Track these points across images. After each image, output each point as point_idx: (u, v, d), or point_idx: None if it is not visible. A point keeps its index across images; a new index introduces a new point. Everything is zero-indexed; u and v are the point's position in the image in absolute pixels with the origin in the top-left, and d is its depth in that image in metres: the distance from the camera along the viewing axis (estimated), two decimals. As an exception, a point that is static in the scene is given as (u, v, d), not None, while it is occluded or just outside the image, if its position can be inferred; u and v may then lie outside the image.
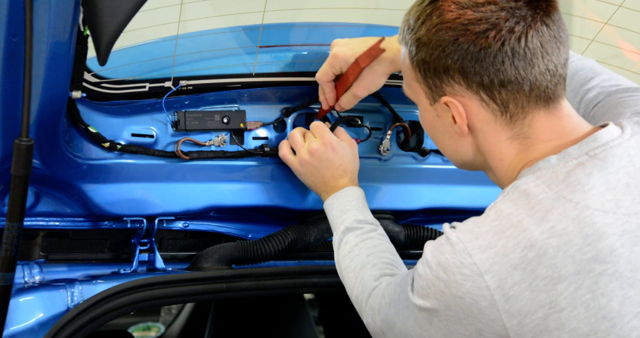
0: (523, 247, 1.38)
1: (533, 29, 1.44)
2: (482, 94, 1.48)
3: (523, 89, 1.46)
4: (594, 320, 1.37)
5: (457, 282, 1.39)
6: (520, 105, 1.47)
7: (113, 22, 1.45)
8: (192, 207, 2.05)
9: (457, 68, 1.47)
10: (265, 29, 2.00)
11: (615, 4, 1.95)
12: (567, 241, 1.38)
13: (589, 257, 1.37)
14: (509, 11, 1.43)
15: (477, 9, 1.44)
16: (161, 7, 1.81)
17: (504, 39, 1.43)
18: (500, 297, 1.38)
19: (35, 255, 2.01)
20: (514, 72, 1.44)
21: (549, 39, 1.45)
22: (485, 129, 1.51)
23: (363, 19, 2.34)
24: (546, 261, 1.37)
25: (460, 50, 1.45)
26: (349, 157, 2.00)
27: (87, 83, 1.84)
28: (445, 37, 1.46)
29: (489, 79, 1.46)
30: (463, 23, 1.44)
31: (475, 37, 1.44)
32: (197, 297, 2.00)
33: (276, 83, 2.05)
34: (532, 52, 1.44)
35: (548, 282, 1.37)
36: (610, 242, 1.38)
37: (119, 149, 1.90)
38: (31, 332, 1.81)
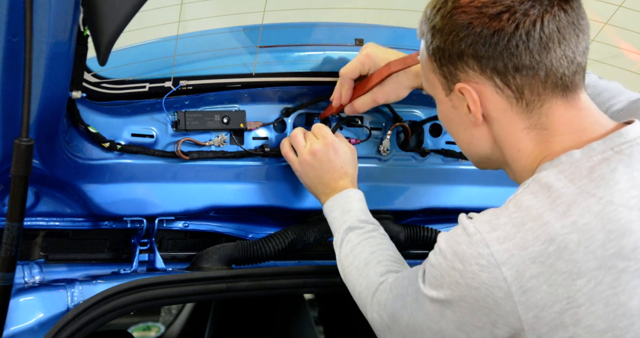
0: (543, 240, 1.36)
1: (550, 13, 1.41)
2: (497, 80, 1.45)
3: (539, 75, 1.42)
4: (612, 317, 1.35)
5: (474, 272, 1.37)
6: (536, 92, 1.44)
7: (113, 22, 1.45)
8: (192, 207, 2.05)
9: (471, 53, 1.44)
10: (266, 29, 2.00)
11: (616, 4, 1.95)
12: (589, 236, 1.36)
13: (612, 253, 1.36)
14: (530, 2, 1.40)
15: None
16: (161, 7, 1.81)
17: (518, 22, 1.40)
18: (517, 289, 1.36)
19: (35, 255, 2.01)
20: (529, 56, 1.41)
21: (566, 24, 1.42)
22: (501, 117, 1.48)
23: (363, 19, 2.34)
24: (566, 256, 1.35)
25: (474, 34, 1.42)
26: (350, 159, 2.00)
27: (87, 83, 1.84)
28: (459, 21, 1.44)
29: (503, 64, 1.42)
30: (477, 6, 1.43)
31: (489, 20, 1.41)
32: (197, 297, 2.00)
33: (276, 83, 2.05)
34: (547, 36, 1.40)
35: (567, 277, 1.35)
36: (635, 239, 1.36)
37: (119, 149, 1.90)
38: (31, 332, 1.81)
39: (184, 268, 2.08)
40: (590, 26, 1.47)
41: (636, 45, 2.21)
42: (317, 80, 2.08)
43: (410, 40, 2.20)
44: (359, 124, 2.12)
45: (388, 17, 2.19)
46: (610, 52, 2.18)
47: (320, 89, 2.09)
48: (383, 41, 2.18)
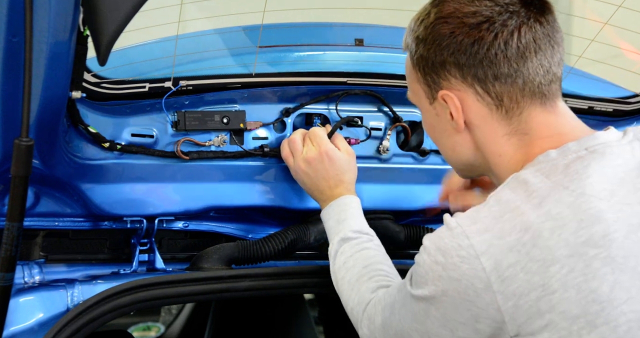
0: (519, 229, 1.41)
1: (526, 25, 1.48)
2: (477, 87, 1.52)
3: (517, 82, 1.50)
4: (584, 302, 1.39)
5: (455, 264, 1.42)
6: (515, 100, 1.51)
7: (113, 22, 1.45)
8: (192, 207, 2.05)
9: (453, 61, 1.51)
10: (265, 29, 2.00)
11: (615, 4, 1.95)
12: (561, 224, 1.41)
13: (583, 241, 1.40)
14: (504, 7, 1.48)
15: (472, 3, 1.49)
16: (161, 7, 1.81)
17: (497, 32, 1.48)
18: (496, 279, 1.40)
19: (35, 255, 2.01)
20: (507, 65, 1.49)
21: (542, 36, 1.50)
22: (482, 124, 1.55)
23: (363, 19, 2.35)
24: (540, 243, 1.40)
25: (456, 42, 1.50)
26: (345, 167, 1.99)
27: (87, 83, 1.84)
28: (441, 31, 1.51)
29: (483, 72, 1.50)
30: (458, 16, 1.49)
31: (470, 30, 1.49)
32: (197, 297, 2.00)
33: (276, 83, 2.05)
34: (524, 46, 1.48)
35: (542, 264, 1.39)
36: (604, 227, 1.41)
37: (119, 149, 1.90)
38: (31, 332, 1.81)
39: (184, 269, 2.08)
40: (564, 39, 1.56)
41: (636, 45, 2.21)
42: (317, 81, 2.08)
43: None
44: (358, 124, 2.12)
45: (388, 17, 2.19)
46: (610, 52, 2.18)
47: (320, 89, 2.09)
48: (383, 41, 2.18)
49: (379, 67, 2.12)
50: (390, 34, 2.25)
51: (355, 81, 2.10)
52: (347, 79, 2.10)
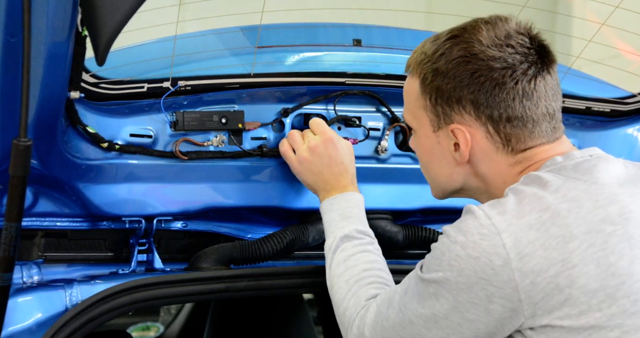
0: (538, 210, 1.48)
1: (541, 75, 1.60)
2: (489, 126, 1.61)
3: (527, 126, 1.60)
4: (603, 276, 1.44)
5: (475, 242, 1.46)
6: (522, 141, 1.61)
7: (111, 22, 1.45)
8: (190, 207, 2.05)
9: (471, 99, 1.59)
10: (264, 30, 2.01)
11: (613, 5, 1.95)
12: (578, 205, 1.48)
13: (600, 218, 1.47)
14: (523, 55, 1.58)
15: (497, 48, 1.58)
16: (160, 8, 1.81)
17: (518, 79, 1.58)
18: (515, 255, 1.45)
19: (34, 255, 2.01)
20: (521, 109, 1.59)
21: (551, 85, 1.61)
22: (486, 159, 1.64)
23: (361, 20, 2.35)
24: (559, 221, 1.46)
25: (477, 83, 1.58)
26: (349, 155, 2.00)
27: (86, 83, 1.84)
28: (465, 69, 1.59)
29: (498, 113, 1.59)
30: (483, 58, 1.58)
31: (494, 73, 1.57)
32: (195, 297, 2.00)
33: (274, 83, 2.05)
34: (538, 94, 1.59)
35: (561, 240, 1.45)
36: (620, 207, 1.49)
37: (118, 149, 1.90)
38: (29, 332, 1.81)
39: (182, 269, 2.08)
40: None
41: (633, 46, 2.21)
42: (316, 81, 2.09)
43: (409, 41, 2.21)
44: (357, 124, 2.13)
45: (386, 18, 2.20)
46: (608, 53, 2.18)
47: (319, 89, 2.10)
48: (381, 42, 2.19)
49: (377, 68, 2.12)
50: (389, 34, 2.25)
51: (354, 81, 2.10)
52: (346, 79, 2.10)
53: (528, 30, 1.61)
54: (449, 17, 2.47)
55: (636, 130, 2.32)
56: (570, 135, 2.28)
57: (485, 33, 1.58)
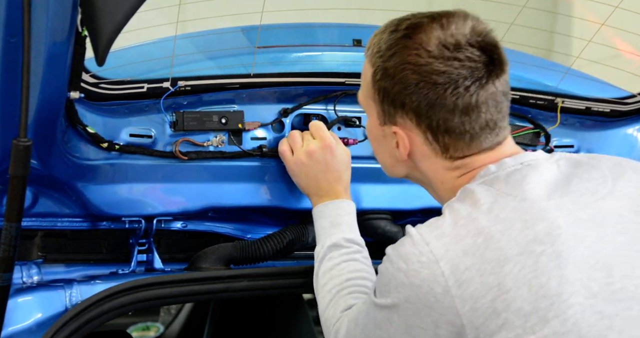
0: (473, 234, 1.49)
1: (485, 89, 1.57)
2: (428, 135, 1.61)
3: (464, 138, 1.60)
4: (535, 298, 1.44)
5: (416, 270, 1.48)
6: (460, 150, 1.61)
7: (111, 22, 1.45)
8: (190, 208, 2.05)
9: (413, 107, 1.59)
10: (264, 30, 2.01)
11: (612, 5, 1.95)
12: (509, 226, 1.48)
13: (529, 239, 1.47)
14: (470, 70, 1.56)
15: (443, 61, 1.55)
16: (159, 8, 1.81)
17: (459, 95, 1.56)
18: (454, 283, 1.46)
19: (34, 255, 2.02)
20: (460, 124, 1.58)
21: (496, 95, 1.58)
22: (425, 160, 1.65)
23: (361, 20, 2.35)
24: (493, 245, 1.47)
25: (420, 93, 1.57)
26: (346, 163, 2.01)
27: (85, 83, 1.84)
28: (410, 77, 1.57)
29: (437, 124, 1.59)
30: (428, 71, 1.56)
31: (436, 88, 1.56)
32: (195, 297, 2.00)
33: (274, 83, 2.06)
34: (479, 108, 1.57)
35: (495, 264, 1.46)
36: (547, 224, 1.49)
37: (117, 149, 1.90)
38: (29, 332, 1.81)
39: (182, 269, 2.09)
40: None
41: (634, 46, 2.21)
42: (316, 81, 2.09)
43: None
44: (357, 124, 2.13)
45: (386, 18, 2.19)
46: (608, 53, 2.19)
47: (319, 90, 2.10)
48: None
49: (377, 68, 2.12)
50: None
51: (354, 81, 2.10)
52: (345, 79, 2.10)
53: (483, 36, 1.58)
54: (449, 17, 2.47)
55: (636, 131, 2.32)
56: (570, 135, 2.29)
57: (435, 40, 1.55)
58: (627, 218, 1.53)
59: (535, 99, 2.23)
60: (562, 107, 2.25)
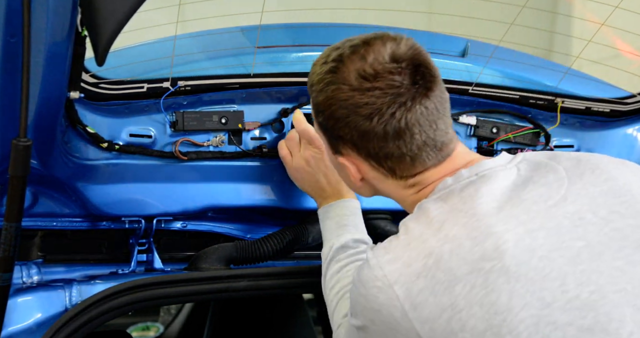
0: (423, 255, 1.50)
1: (412, 111, 1.57)
2: (372, 162, 1.63)
3: (405, 160, 1.61)
4: (487, 316, 1.43)
5: (374, 295, 1.51)
6: (407, 171, 1.63)
7: (111, 22, 1.45)
8: (190, 207, 2.06)
9: (348, 139, 1.62)
10: (264, 30, 2.01)
11: (612, 5, 1.95)
12: (458, 245, 1.48)
13: (478, 256, 1.47)
14: (392, 96, 1.56)
15: (365, 93, 1.56)
16: (159, 8, 1.81)
17: (386, 122, 1.57)
18: (409, 306, 1.47)
19: (34, 255, 2.02)
20: (395, 148, 1.59)
21: (428, 113, 1.58)
22: (380, 183, 1.67)
23: (362, 19, 2.35)
24: (443, 265, 1.47)
25: (350, 126, 1.59)
26: None
27: (85, 83, 1.84)
28: (338, 112, 1.59)
29: (375, 152, 1.61)
30: (353, 105, 1.57)
31: (363, 119, 1.57)
32: (195, 297, 2.00)
33: (274, 83, 2.06)
34: (410, 131, 1.58)
35: (447, 285, 1.46)
36: (495, 240, 1.48)
37: (117, 149, 1.90)
38: (29, 332, 1.82)
39: (182, 269, 2.09)
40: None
41: (634, 46, 2.21)
42: (315, 81, 2.08)
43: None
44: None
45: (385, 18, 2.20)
46: (608, 53, 2.19)
47: (319, 90, 2.09)
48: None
49: (377, 68, 2.12)
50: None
51: (354, 81, 2.09)
52: (345, 79, 2.09)
53: (404, 58, 1.57)
54: (449, 17, 2.48)
55: (636, 131, 2.31)
56: (570, 135, 2.29)
57: (355, 73, 1.57)
58: (586, 220, 1.51)
59: (535, 99, 2.23)
60: (562, 107, 2.25)
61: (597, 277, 1.45)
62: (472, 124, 2.21)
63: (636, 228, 1.51)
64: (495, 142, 2.24)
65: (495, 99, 2.21)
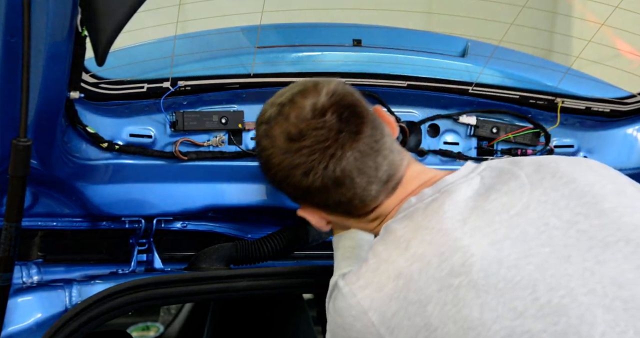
0: (394, 277, 1.51)
1: (343, 159, 1.58)
2: (325, 210, 1.67)
3: (355, 203, 1.63)
4: (462, 332, 1.44)
5: (350, 323, 1.52)
6: (362, 209, 1.65)
7: (111, 22, 1.45)
8: (190, 207, 2.06)
9: (294, 196, 1.67)
10: (264, 30, 2.01)
11: (612, 5, 1.95)
12: (426, 263, 1.49)
13: (446, 273, 1.47)
14: (320, 151, 1.58)
15: (295, 153, 1.59)
16: (159, 8, 1.81)
17: (322, 176, 1.59)
18: (385, 330, 1.49)
19: (34, 255, 2.02)
20: (340, 195, 1.61)
21: (361, 159, 1.59)
22: (344, 222, 1.72)
23: (361, 20, 2.35)
24: (413, 286, 1.48)
25: (291, 186, 1.63)
26: None
27: (85, 83, 1.84)
28: (277, 175, 1.64)
29: (323, 203, 1.64)
30: (286, 167, 1.61)
31: (300, 178, 1.60)
32: (195, 297, 2.00)
33: (274, 83, 2.05)
34: (349, 177, 1.59)
35: (419, 305, 1.47)
36: (461, 254, 1.48)
37: (117, 149, 1.90)
38: (29, 332, 1.82)
39: (182, 269, 2.09)
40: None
41: (634, 46, 2.21)
42: (315, 81, 2.08)
43: (409, 41, 2.21)
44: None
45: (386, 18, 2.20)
46: (608, 53, 2.19)
47: (319, 90, 2.09)
48: (381, 42, 2.19)
49: (377, 68, 2.12)
50: (388, 34, 2.25)
51: (353, 81, 2.10)
52: (345, 79, 2.10)
53: (326, 108, 1.59)
54: (449, 17, 2.48)
55: (636, 131, 2.32)
56: (570, 135, 2.29)
57: (282, 135, 1.60)
58: (551, 225, 1.50)
59: (535, 99, 2.23)
60: (562, 107, 2.25)
61: (568, 281, 1.44)
62: (472, 124, 2.21)
63: (602, 227, 1.50)
64: (495, 142, 2.24)
65: (495, 98, 2.21)
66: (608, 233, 1.48)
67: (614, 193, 1.55)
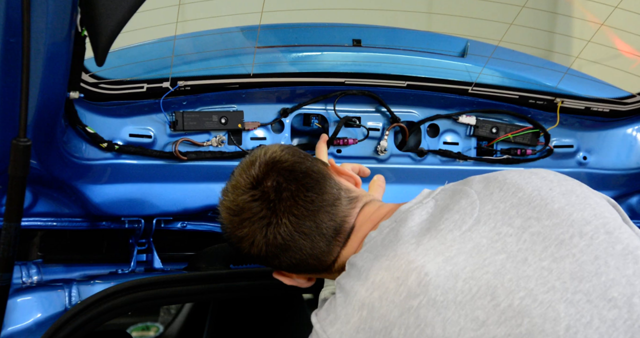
0: (358, 308, 1.53)
1: (281, 225, 1.65)
2: (291, 271, 1.72)
3: (310, 262, 1.68)
4: None
5: None
6: (320, 265, 1.69)
7: (111, 22, 1.45)
8: (190, 207, 2.06)
9: (260, 263, 1.72)
10: (263, 30, 2.01)
11: (612, 5, 1.95)
12: (385, 289, 1.51)
13: (405, 296, 1.49)
14: (259, 221, 1.65)
15: (238, 227, 1.67)
16: (159, 8, 1.81)
17: (267, 244, 1.66)
18: None
19: (33, 255, 2.02)
20: (291, 258, 1.67)
21: (299, 222, 1.65)
22: (315, 276, 1.76)
23: (360, 20, 2.35)
24: (376, 314, 1.50)
25: (249, 256, 1.70)
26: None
27: (85, 83, 1.84)
28: (234, 246, 1.71)
29: (282, 266, 1.70)
30: (236, 240, 1.69)
31: (249, 248, 1.68)
32: (195, 297, 2.00)
33: (274, 83, 2.06)
34: (292, 240, 1.65)
35: (385, 333, 1.49)
36: (416, 274, 1.50)
37: (117, 149, 1.91)
38: (29, 332, 1.82)
39: (182, 269, 2.09)
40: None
41: (633, 46, 2.21)
42: (315, 81, 2.09)
43: (409, 41, 2.21)
44: (356, 124, 2.13)
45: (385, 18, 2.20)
46: (608, 53, 2.19)
47: (318, 90, 2.10)
48: (380, 42, 2.19)
49: (377, 68, 2.12)
50: (388, 34, 2.25)
51: (353, 81, 2.10)
52: (345, 79, 2.10)
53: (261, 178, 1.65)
54: (449, 17, 2.48)
55: (635, 131, 2.32)
56: (569, 135, 2.29)
57: (225, 213, 1.68)
58: (504, 233, 1.52)
59: (534, 99, 2.23)
60: (562, 107, 2.25)
61: (526, 282, 1.45)
62: (472, 124, 2.22)
63: (554, 227, 1.51)
64: (495, 142, 2.24)
65: (495, 99, 2.21)
66: (561, 231, 1.50)
67: (562, 194, 1.56)
